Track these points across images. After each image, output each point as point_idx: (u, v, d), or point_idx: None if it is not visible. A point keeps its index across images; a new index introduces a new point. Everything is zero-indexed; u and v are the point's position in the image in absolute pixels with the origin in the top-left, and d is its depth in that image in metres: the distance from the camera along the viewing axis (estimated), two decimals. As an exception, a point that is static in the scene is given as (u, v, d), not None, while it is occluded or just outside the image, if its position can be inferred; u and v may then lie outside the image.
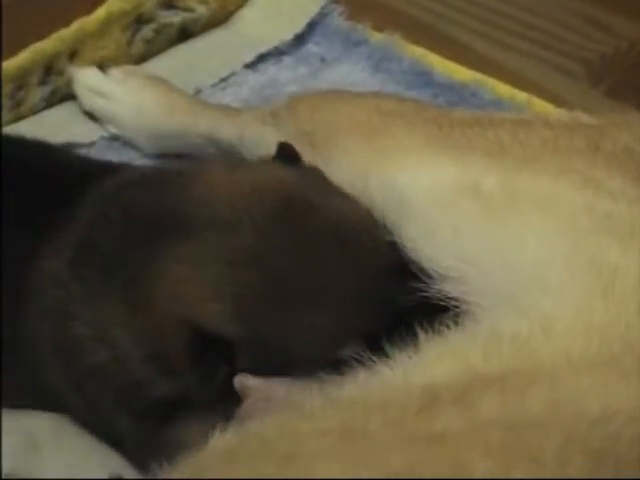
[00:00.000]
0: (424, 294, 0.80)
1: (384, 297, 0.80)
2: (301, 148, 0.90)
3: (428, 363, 0.72)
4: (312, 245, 0.79)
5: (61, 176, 0.97)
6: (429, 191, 0.83)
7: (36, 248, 0.89)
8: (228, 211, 0.81)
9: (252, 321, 0.78)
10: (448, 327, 0.76)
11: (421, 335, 0.75)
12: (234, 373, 0.79)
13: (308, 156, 0.90)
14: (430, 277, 0.81)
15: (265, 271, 0.78)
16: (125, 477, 0.85)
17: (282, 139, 0.90)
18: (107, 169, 0.98)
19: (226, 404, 0.81)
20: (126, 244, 0.84)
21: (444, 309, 0.79)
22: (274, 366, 0.79)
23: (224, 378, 0.79)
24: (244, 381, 0.80)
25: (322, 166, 0.89)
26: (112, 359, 0.82)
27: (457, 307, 0.79)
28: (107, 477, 0.86)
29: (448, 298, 0.80)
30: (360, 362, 0.75)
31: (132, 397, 0.84)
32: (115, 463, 0.91)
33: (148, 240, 0.82)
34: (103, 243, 0.85)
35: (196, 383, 0.79)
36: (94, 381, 0.85)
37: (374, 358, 0.75)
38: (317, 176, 0.87)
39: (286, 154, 0.88)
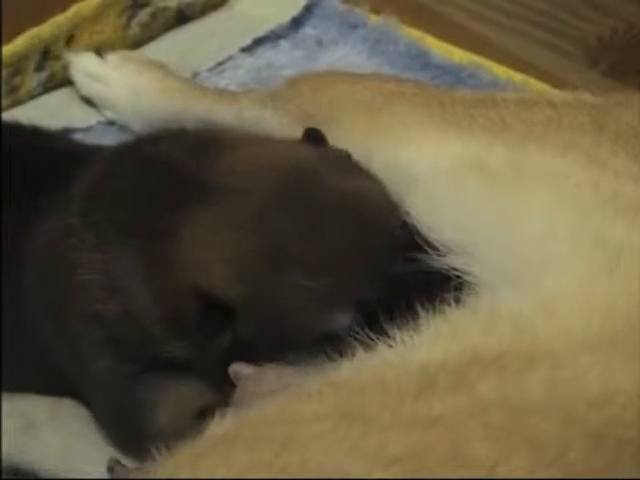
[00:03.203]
0: (428, 265, 0.81)
1: (382, 273, 0.81)
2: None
3: (428, 342, 0.72)
4: (316, 215, 0.82)
5: (60, 157, 0.98)
6: (433, 166, 0.84)
7: (37, 219, 0.91)
8: (244, 180, 0.84)
9: (252, 285, 0.80)
10: (449, 305, 0.76)
11: (421, 313, 0.75)
12: (236, 338, 0.81)
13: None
14: (434, 249, 0.81)
15: (267, 237, 0.81)
16: (122, 462, 0.85)
17: (282, 121, 0.90)
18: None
19: (223, 382, 0.83)
20: (145, 199, 0.86)
21: (445, 283, 0.79)
22: (272, 332, 0.82)
23: (226, 342, 0.81)
24: (237, 369, 0.82)
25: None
26: (122, 311, 0.85)
27: (460, 281, 0.79)
28: (106, 461, 0.86)
29: (452, 269, 0.80)
30: (359, 340, 0.76)
31: (137, 349, 0.86)
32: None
33: (170, 200, 0.85)
34: (119, 193, 0.88)
35: (199, 345, 0.82)
36: (94, 330, 0.87)
37: (373, 336, 0.75)
38: (342, 156, 0.88)
39: (313, 137, 0.90)
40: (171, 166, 0.88)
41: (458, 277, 0.79)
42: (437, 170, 0.83)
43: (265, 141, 0.92)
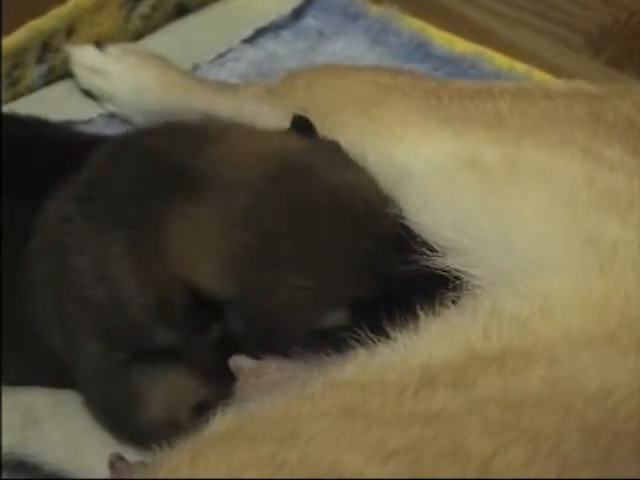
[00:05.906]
0: (425, 266, 0.81)
1: (376, 268, 0.81)
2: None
3: (428, 342, 0.72)
4: (307, 210, 0.81)
5: (63, 147, 0.98)
6: (429, 163, 0.83)
7: (37, 207, 0.91)
8: (233, 174, 0.84)
9: (243, 282, 0.80)
10: (448, 307, 0.76)
11: (421, 314, 0.75)
12: (226, 333, 0.81)
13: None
14: (431, 249, 0.81)
15: (258, 232, 0.80)
16: (125, 456, 0.85)
17: (279, 116, 0.90)
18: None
19: (219, 374, 0.84)
20: (139, 189, 0.86)
21: (443, 285, 0.79)
22: (263, 329, 0.82)
23: (216, 335, 0.81)
24: (238, 362, 0.82)
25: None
26: (110, 298, 0.85)
27: (457, 281, 0.79)
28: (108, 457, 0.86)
29: (449, 269, 0.80)
30: (359, 341, 0.76)
31: (126, 337, 0.86)
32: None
33: (160, 191, 0.84)
34: (116, 183, 0.88)
35: (189, 339, 0.82)
36: (85, 315, 0.87)
37: (374, 337, 0.75)
38: (331, 148, 0.88)
39: (301, 126, 0.89)
40: (162, 157, 0.87)
41: (455, 277, 0.79)
42: (432, 168, 0.83)
43: (254, 132, 0.92)
